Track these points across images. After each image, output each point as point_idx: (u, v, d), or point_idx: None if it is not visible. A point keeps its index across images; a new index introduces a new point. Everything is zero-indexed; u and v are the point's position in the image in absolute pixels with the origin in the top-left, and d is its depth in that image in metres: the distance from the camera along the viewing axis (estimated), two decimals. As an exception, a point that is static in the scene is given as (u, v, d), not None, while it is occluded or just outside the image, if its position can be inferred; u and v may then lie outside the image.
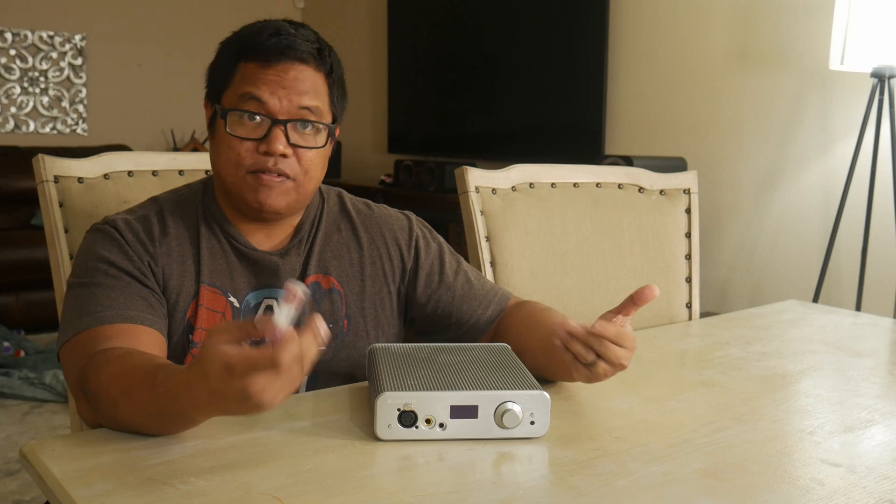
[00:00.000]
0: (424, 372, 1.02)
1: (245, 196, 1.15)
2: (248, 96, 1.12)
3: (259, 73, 1.13)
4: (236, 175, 1.15)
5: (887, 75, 2.58)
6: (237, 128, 1.13)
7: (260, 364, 0.79)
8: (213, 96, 1.19)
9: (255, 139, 1.13)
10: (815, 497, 0.85)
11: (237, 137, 1.13)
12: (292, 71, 1.13)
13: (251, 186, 1.14)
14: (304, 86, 1.14)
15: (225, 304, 1.18)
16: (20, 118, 4.74)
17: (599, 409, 1.09)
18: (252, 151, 1.13)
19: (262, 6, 4.92)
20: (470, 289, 1.32)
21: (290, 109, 1.13)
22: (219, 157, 1.16)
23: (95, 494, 0.80)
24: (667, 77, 3.44)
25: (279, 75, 1.13)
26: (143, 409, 0.91)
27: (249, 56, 1.14)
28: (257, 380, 0.79)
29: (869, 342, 1.57)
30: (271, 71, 1.12)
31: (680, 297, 1.81)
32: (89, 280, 1.10)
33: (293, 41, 1.13)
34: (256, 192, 1.14)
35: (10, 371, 3.31)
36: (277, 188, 1.14)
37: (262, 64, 1.13)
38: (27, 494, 2.41)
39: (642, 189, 1.81)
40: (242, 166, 1.14)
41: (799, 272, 3.05)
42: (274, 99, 1.12)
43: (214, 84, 1.19)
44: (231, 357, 0.79)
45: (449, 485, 0.85)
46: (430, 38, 4.58)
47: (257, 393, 0.79)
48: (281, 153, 1.12)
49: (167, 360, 0.97)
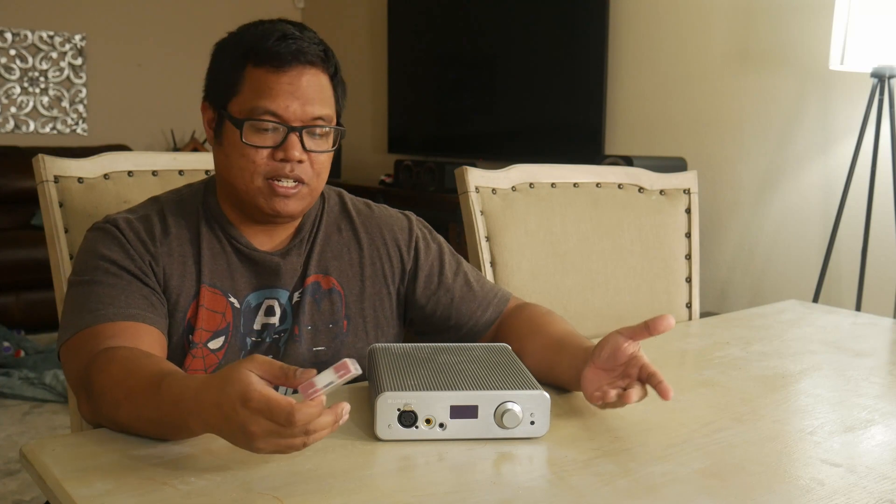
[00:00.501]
0: (424, 372, 1.02)
1: (259, 203, 1.15)
2: (263, 109, 1.12)
3: (272, 82, 1.12)
4: (251, 183, 1.15)
5: (887, 75, 2.58)
6: (253, 137, 1.13)
7: (275, 412, 0.79)
8: (217, 101, 1.18)
9: (270, 147, 1.14)
10: (815, 497, 0.85)
11: (253, 147, 1.13)
12: (304, 77, 1.13)
13: (266, 195, 1.15)
14: (316, 93, 1.14)
15: (225, 305, 1.18)
16: (20, 118, 4.74)
17: (599, 410, 1.09)
18: (267, 159, 1.14)
19: (261, 6, 4.92)
20: (469, 290, 1.32)
21: (303, 117, 1.14)
22: (230, 165, 1.15)
23: (95, 494, 0.80)
24: (667, 77, 3.44)
25: (292, 82, 1.13)
26: (144, 413, 0.91)
27: (258, 61, 1.13)
28: (262, 424, 0.79)
29: (869, 342, 1.57)
30: (284, 78, 1.12)
31: (680, 297, 1.81)
32: (90, 278, 1.10)
33: (302, 45, 1.14)
34: (271, 201, 1.15)
35: (10, 371, 3.31)
36: (294, 196, 1.16)
37: (272, 70, 1.12)
38: (27, 494, 2.41)
39: (642, 189, 1.81)
40: (258, 174, 1.14)
41: (799, 272, 3.05)
42: (289, 110, 1.13)
43: (219, 88, 1.17)
44: (253, 389, 0.80)
45: (449, 485, 0.85)
46: (430, 38, 4.58)
47: (255, 434, 0.80)
48: (297, 159, 1.13)
49: (174, 367, 0.97)
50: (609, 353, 1.02)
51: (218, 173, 1.21)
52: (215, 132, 1.18)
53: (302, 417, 0.79)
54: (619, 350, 1.01)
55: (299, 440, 0.81)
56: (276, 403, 0.79)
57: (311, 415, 0.80)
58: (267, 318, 1.21)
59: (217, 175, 1.21)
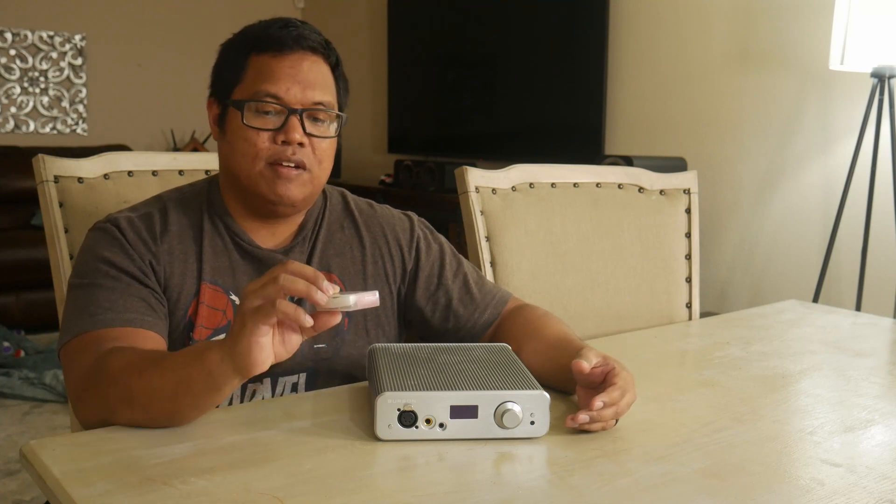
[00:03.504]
0: (424, 372, 1.02)
1: (261, 189, 1.16)
2: (265, 92, 1.13)
3: (274, 66, 1.14)
4: (253, 168, 1.15)
5: (887, 75, 2.58)
6: (254, 119, 1.14)
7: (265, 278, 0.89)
8: (221, 94, 1.19)
9: (271, 129, 1.14)
10: (815, 497, 0.85)
11: (254, 128, 1.14)
12: (305, 62, 1.15)
13: (268, 179, 1.15)
14: (317, 78, 1.16)
15: (226, 302, 1.18)
16: (20, 118, 4.74)
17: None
18: (269, 142, 1.14)
19: (261, 6, 4.92)
20: (467, 292, 1.32)
21: (304, 101, 1.15)
22: (233, 152, 1.16)
23: (95, 494, 0.80)
24: (667, 77, 3.44)
25: (293, 66, 1.14)
26: (159, 385, 0.93)
27: (261, 48, 1.15)
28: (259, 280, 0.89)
29: (869, 342, 1.57)
30: (286, 62, 1.14)
31: (680, 297, 1.81)
32: (90, 281, 1.10)
33: (303, 31, 1.16)
34: (274, 185, 1.15)
35: (10, 371, 3.31)
36: (296, 180, 1.16)
37: (275, 54, 1.15)
38: (27, 494, 2.41)
39: (642, 189, 1.81)
40: (260, 158, 1.15)
41: (799, 272, 3.05)
42: (290, 93, 1.14)
43: (223, 82, 1.19)
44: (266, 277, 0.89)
45: (449, 485, 0.85)
46: (430, 38, 4.58)
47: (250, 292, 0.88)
48: (298, 141, 1.14)
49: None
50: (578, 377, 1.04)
51: (222, 166, 1.21)
52: (220, 125, 1.19)
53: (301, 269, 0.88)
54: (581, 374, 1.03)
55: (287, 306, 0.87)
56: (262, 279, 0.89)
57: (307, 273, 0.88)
58: None
59: (221, 169, 1.22)
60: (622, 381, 1.01)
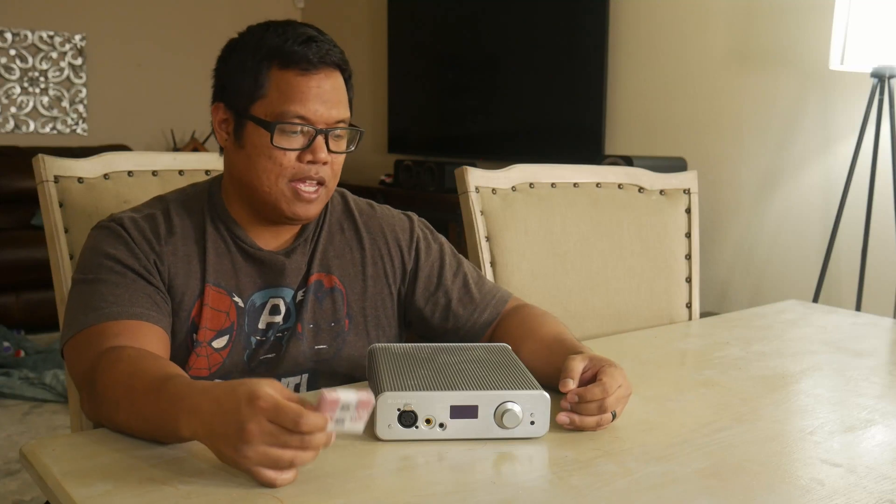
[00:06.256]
0: (424, 372, 1.02)
1: (280, 206, 1.16)
2: (294, 114, 1.13)
3: (301, 86, 1.13)
4: (275, 185, 1.15)
5: (887, 75, 2.58)
6: (281, 140, 1.14)
7: (282, 414, 0.77)
8: (236, 103, 1.16)
9: (298, 149, 1.15)
10: (815, 497, 0.85)
11: (282, 150, 1.14)
12: (329, 81, 1.16)
13: (288, 199, 1.16)
14: (338, 95, 1.17)
15: (229, 304, 1.18)
16: (20, 118, 4.74)
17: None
18: (293, 161, 1.15)
19: (262, 6, 4.93)
20: (467, 292, 1.32)
21: (328, 120, 1.15)
22: (253, 166, 1.15)
23: (95, 494, 0.80)
24: (667, 77, 3.44)
25: (319, 86, 1.14)
26: (141, 411, 0.91)
27: (285, 63, 1.13)
28: (263, 425, 0.78)
29: (869, 342, 1.57)
30: (313, 82, 1.14)
31: (680, 297, 1.81)
32: (94, 276, 1.10)
33: (324, 47, 1.15)
34: (293, 205, 1.16)
35: (10, 371, 3.31)
36: (315, 201, 1.17)
37: (300, 72, 1.13)
38: (27, 494, 2.41)
39: (642, 189, 1.81)
40: (284, 176, 1.15)
41: (799, 272, 3.05)
42: (317, 114, 1.14)
43: (238, 91, 1.16)
44: (264, 391, 0.79)
45: (449, 485, 0.85)
46: (430, 38, 4.58)
47: (251, 434, 0.78)
48: (323, 161, 1.15)
49: (181, 370, 0.97)
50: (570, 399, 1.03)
51: (232, 175, 1.20)
52: (235, 134, 1.17)
53: (309, 423, 0.77)
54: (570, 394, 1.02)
55: (289, 454, 0.79)
56: (284, 405, 0.78)
57: (318, 425, 0.78)
58: (272, 316, 1.21)
59: (230, 176, 1.21)
60: (607, 377, 1.01)
